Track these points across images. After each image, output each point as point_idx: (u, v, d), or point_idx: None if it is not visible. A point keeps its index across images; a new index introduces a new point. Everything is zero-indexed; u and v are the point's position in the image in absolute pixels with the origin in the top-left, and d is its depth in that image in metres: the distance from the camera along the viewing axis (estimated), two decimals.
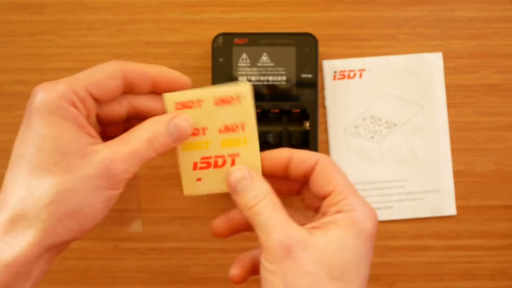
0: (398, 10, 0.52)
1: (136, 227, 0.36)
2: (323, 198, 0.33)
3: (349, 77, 0.52)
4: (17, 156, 0.30)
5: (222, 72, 0.49)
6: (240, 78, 0.49)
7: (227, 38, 0.49)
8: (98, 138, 0.32)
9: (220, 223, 0.37)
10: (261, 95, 0.49)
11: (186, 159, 0.35)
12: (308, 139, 0.49)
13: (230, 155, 0.35)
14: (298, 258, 0.30)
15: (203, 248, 0.52)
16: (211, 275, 0.52)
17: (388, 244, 0.52)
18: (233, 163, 0.35)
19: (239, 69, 0.49)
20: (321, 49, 0.51)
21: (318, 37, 0.49)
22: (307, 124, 0.49)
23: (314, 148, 0.49)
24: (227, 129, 0.35)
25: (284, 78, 0.49)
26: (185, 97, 0.34)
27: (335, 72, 0.52)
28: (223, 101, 0.34)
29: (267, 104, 0.49)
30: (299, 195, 0.37)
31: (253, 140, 0.35)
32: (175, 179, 0.52)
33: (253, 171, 0.34)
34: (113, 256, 0.52)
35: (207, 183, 0.35)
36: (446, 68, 0.52)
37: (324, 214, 0.33)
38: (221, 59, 0.49)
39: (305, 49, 0.49)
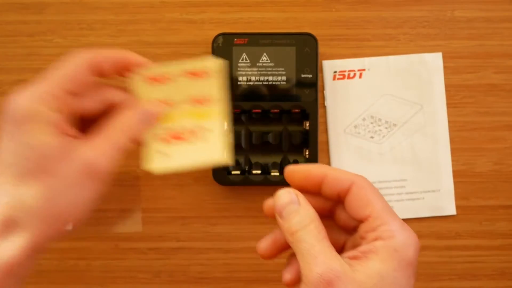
0: (398, 10, 0.52)
1: (136, 227, 0.36)
2: (360, 221, 0.32)
3: (349, 77, 0.52)
4: (1, 163, 0.31)
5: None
6: (240, 78, 0.49)
7: (227, 38, 0.49)
8: (78, 136, 0.33)
9: (265, 245, 0.36)
10: (261, 95, 0.49)
11: (150, 133, 0.35)
12: (308, 139, 0.49)
13: (198, 129, 0.34)
14: None
15: (203, 248, 0.52)
16: (211, 275, 0.52)
17: None
18: (199, 137, 0.34)
19: (239, 69, 0.49)
20: (321, 49, 0.51)
21: (318, 37, 0.49)
22: (307, 124, 0.49)
23: (314, 148, 0.49)
24: (195, 101, 0.34)
25: (284, 78, 0.49)
26: (154, 72, 0.34)
27: (335, 72, 0.52)
28: (193, 74, 0.34)
29: (267, 104, 0.49)
30: (332, 215, 0.35)
31: (221, 116, 0.34)
32: (175, 179, 0.52)
33: (300, 196, 0.33)
34: (113, 256, 0.52)
35: (175, 159, 0.34)
36: (446, 68, 0.52)
37: (362, 238, 0.32)
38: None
39: (305, 49, 0.49)
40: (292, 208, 0.32)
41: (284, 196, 0.32)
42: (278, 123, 0.50)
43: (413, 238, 0.31)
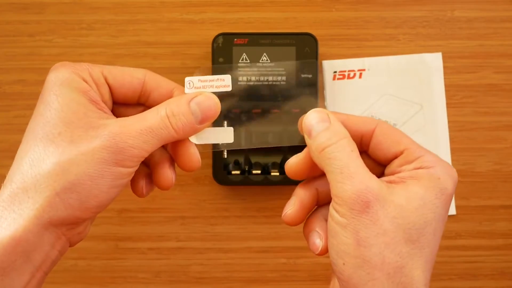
0: (398, 10, 0.52)
1: (228, 138, 0.32)
2: (391, 159, 0.30)
3: (349, 77, 0.52)
4: (27, 131, 0.29)
5: None
6: (240, 78, 0.49)
7: (227, 38, 0.49)
8: (110, 114, 0.31)
9: (293, 210, 0.32)
10: (261, 95, 0.49)
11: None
12: None
13: None
14: (375, 215, 0.27)
15: (203, 248, 0.52)
16: (211, 275, 0.52)
17: None
18: None
19: (239, 69, 0.49)
20: (321, 49, 0.51)
21: (318, 37, 0.49)
22: None
23: None
24: None
25: (284, 78, 0.49)
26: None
27: (335, 72, 0.52)
28: None
29: (267, 104, 0.49)
30: None
31: None
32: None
33: (331, 114, 0.30)
34: (113, 256, 0.52)
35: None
36: (446, 68, 0.52)
37: (395, 173, 0.30)
38: (221, 59, 0.49)
39: (305, 49, 0.49)
40: (323, 126, 0.30)
41: (313, 115, 0.31)
42: (278, 123, 0.50)
43: (453, 172, 0.29)
